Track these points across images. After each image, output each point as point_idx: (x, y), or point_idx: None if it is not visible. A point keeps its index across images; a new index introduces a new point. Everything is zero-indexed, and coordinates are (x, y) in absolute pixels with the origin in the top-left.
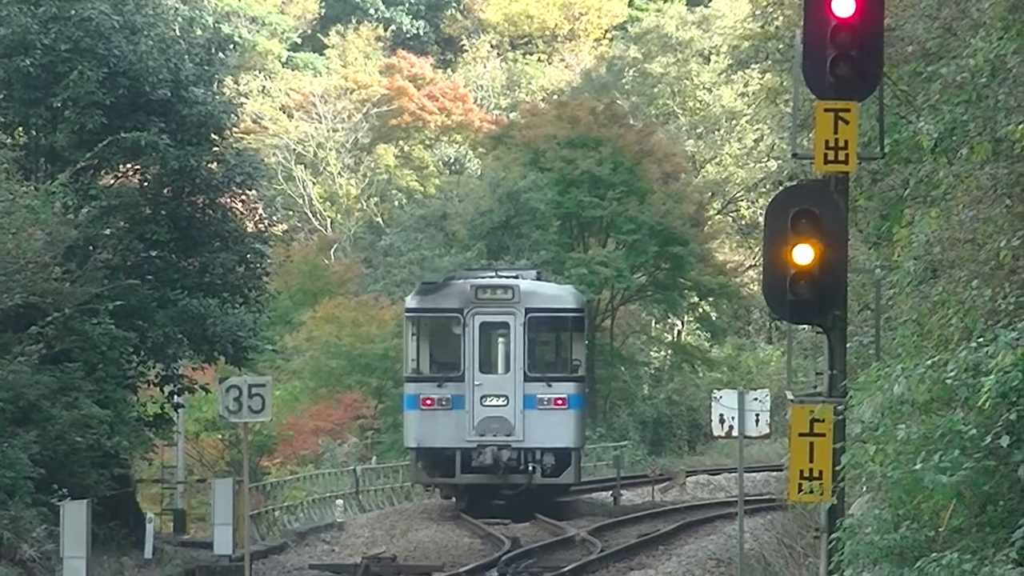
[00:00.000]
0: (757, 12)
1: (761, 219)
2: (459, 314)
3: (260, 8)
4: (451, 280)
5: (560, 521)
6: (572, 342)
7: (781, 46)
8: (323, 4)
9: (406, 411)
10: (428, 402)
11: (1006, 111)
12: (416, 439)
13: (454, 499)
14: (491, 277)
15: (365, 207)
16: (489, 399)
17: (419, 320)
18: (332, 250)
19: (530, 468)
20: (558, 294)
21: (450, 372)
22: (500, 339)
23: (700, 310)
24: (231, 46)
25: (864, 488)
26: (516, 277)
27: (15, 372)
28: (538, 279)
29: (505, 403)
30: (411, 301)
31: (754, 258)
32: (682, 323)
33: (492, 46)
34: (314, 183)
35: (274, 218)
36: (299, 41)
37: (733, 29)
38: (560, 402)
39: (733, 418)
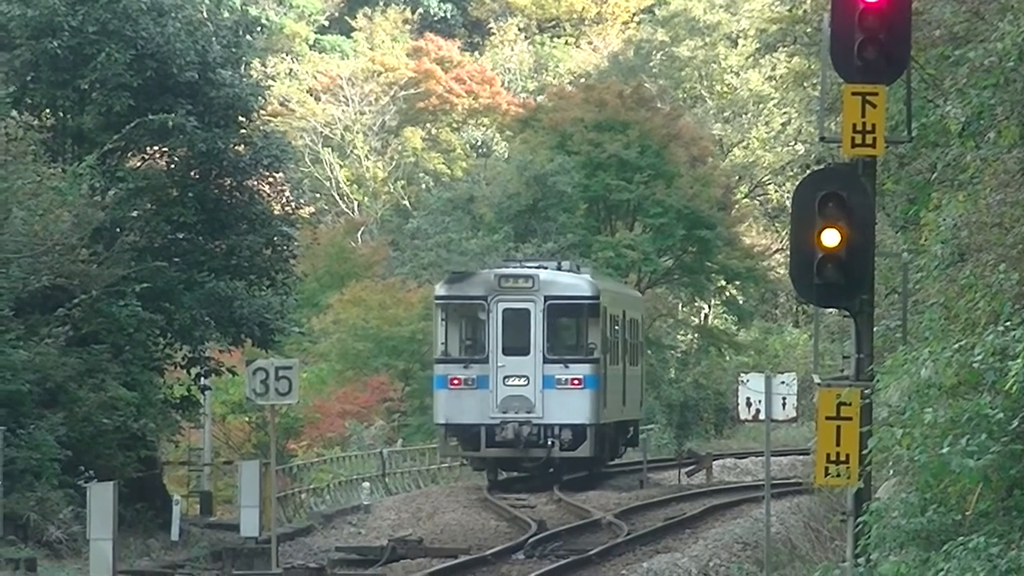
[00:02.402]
0: None
1: (788, 203)
2: (484, 301)
3: None
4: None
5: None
6: (588, 327)
7: (809, 29)
8: None
9: (436, 390)
10: (456, 382)
11: None
12: (445, 416)
13: (484, 471)
14: (515, 267)
15: (392, 190)
16: (511, 379)
17: (447, 307)
18: (359, 233)
19: (549, 443)
20: (575, 283)
21: (476, 354)
22: (521, 324)
23: (727, 294)
24: (258, 28)
25: (891, 472)
26: (542, 267)
27: (42, 354)
28: (559, 268)
29: (526, 383)
30: (440, 289)
31: (781, 242)
32: (709, 307)
33: (519, 29)
34: (341, 166)
35: (301, 201)
36: (326, 24)
37: (761, 12)
38: (576, 382)
39: (760, 401)
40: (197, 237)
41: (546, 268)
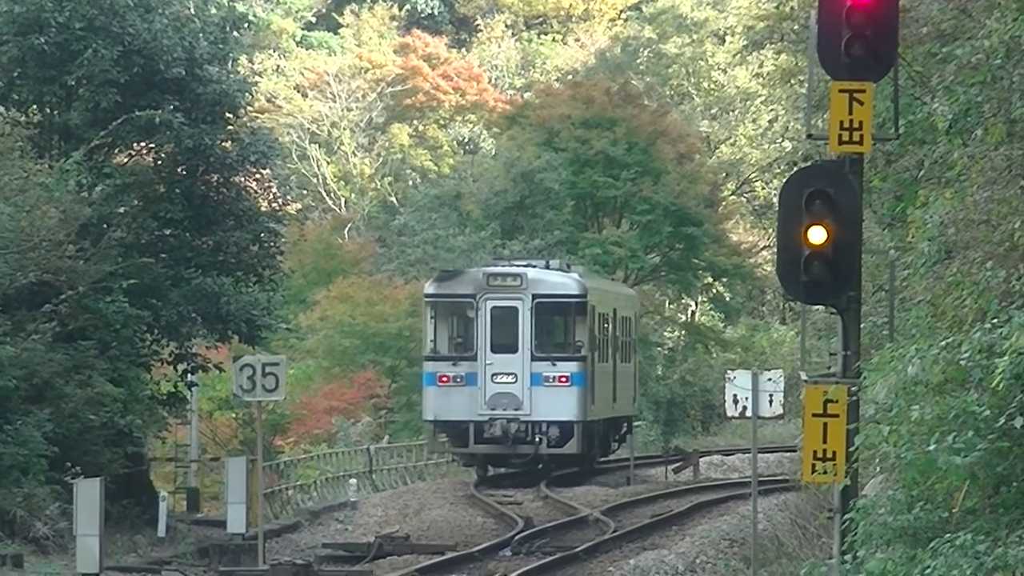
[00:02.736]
0: None
1: (775, 200)
2: (472, 299)
3: None
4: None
5: (572, 489)
6: (575, 325)
7: (796, 26)
8: None
9: (424, 387)
10: (444, 379)
11: (1021, 92)
12: (433, 413)
13: (473, 467)
14: (503, 265)
15: (379, 186)
16: (499, 376)
17: (436, 304)
18: (346, 229)
19: (536, 439)
20: (563, 281)
21: (464, 352)
22: (510, 322)
23: (714, 291)
24: (245, 25)
25: (878, 469)
26: (530, 265)
27: (29, 350)
28: (547, 266)
29: (514, 380)
30: (429, 287)
31: (768, 239)
32: (696, 304)
33: (507, 26)
34: (328, 162)
35: (288, 197)
36: (313, 20)
37: (748, 9)
38: (564, 379)
39: (747, 399)
40: (184, 233)
41: (534, 267)
